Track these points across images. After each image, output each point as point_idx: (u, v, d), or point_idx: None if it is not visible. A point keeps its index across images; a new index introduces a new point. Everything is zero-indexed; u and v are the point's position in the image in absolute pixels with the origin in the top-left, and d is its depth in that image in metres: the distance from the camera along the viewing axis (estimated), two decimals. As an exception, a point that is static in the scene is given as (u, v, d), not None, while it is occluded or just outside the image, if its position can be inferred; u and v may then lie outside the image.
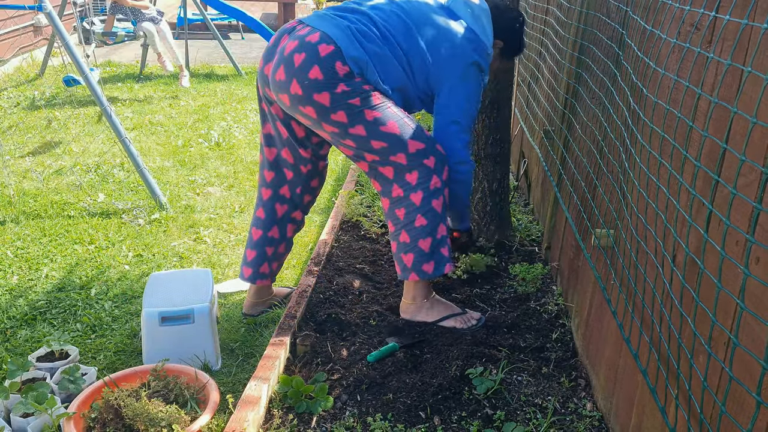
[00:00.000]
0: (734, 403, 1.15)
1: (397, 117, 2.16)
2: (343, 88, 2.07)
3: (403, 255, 2.30)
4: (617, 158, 1.84)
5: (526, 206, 3.56)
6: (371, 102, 2.11)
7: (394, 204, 2.27)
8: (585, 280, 2.21)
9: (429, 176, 2.21)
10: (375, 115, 2.12)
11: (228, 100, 6.27)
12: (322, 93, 2.06)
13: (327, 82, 2.06)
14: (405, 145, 2.17)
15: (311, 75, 2.05)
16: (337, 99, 2.08)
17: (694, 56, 1.33)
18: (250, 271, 2.52)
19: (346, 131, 2.14)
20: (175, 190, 3.93)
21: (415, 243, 2.26)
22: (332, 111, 2.09)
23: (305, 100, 2.09)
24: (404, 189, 2.23)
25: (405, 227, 2.26)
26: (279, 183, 2.43)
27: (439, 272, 2.29)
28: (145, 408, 1.79)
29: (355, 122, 2.12)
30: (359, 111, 2.10)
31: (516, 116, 3.97)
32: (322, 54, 2.05)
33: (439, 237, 2.26)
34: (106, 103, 3.63)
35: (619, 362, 1.78)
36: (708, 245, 1.24)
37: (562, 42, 2.69)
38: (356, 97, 2.09)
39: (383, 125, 2.14)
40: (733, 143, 1.19)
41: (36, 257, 3.06)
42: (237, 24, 10.01)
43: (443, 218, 2.27)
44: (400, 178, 2.23)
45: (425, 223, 2.23)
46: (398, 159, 2.19)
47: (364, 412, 1.94)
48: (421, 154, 2.19)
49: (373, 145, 2.17)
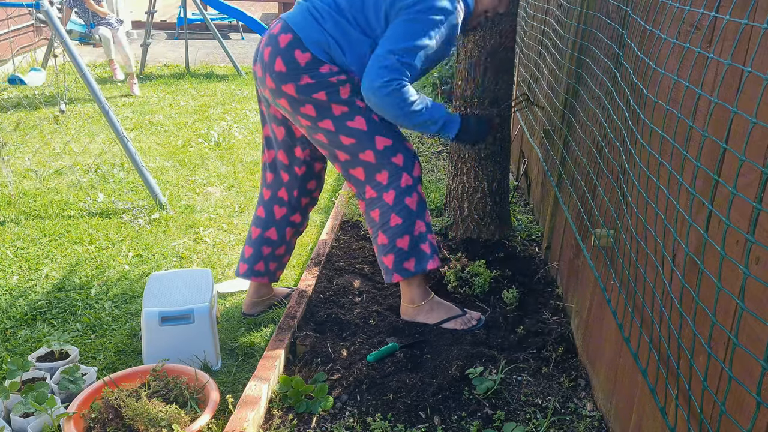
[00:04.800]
0: (734, 403, 1.15)
1: (365, 112, 2.16)
2: (307, 81, 2.10)
3: (383, 258, 2.31)
4: (617, 158, 1.84)
5: (526, 206, 3.55)
6: (338, 96, 2.12)
7: (368, 206, 2.29)
8: (585, 280, 2.21)
9: (399, 174, 2.21)
10: (342, 110, 2.14)
11: (228, 100, 6.27)
12: (287, 84, 2.12)
13: (290, 74, 2.10)
14: (372, 141, 2.17)
15: (276, 68, 2.11)
16: (301, 92, 2.11)
17: (694, 56, 1.33)
18: (246, 267, 2.54)
19: (316, 125, 2.17)
20: (175, 190, 3.93)
21: (393, 243, 2.26)
22: (300, 104, 2.14)
23: (277, 92, 2.15)
24: (376, 189, 2.24)
25: (381, 228, 2.27)
26: (277, 185, 2.45)
27: (421, 268, 2.28)
28: (145, 408, 1.79)
29: (323, 116, 2.14)
30: (327, 106, 2.13)
31: (516, 116, 3.97)
32: (281, 45, 2.10)
33: (417, 234, 2.26)
34: (104, 102, 3.63)
35: (619, 362, 1.78)
36: (708, 245, 1.24)
37: (562, 42, 2.69)
38: (321, 91, 2.11)
39: (351, 120, 2.15)
40: (733, 143, 1.19)
41: (36, 257, 3.06)
42: (237, 24, 10.02)
43: (420, 215, 2.26)
44: (371, 179, 2.23)
45: (400, 221, 2.24)
46: (367, 157, 2.19)
47: (364, 412, 1.94)
48: (389, 151, 2.19)
49: (343, 141, 2.18)
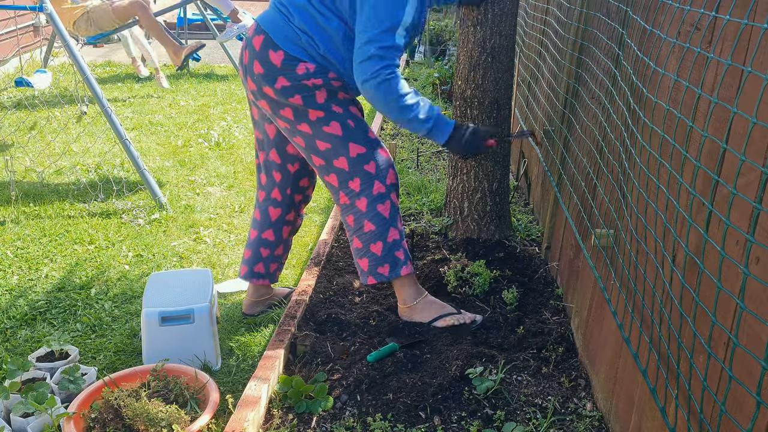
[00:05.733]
0: (734, 403, 1.15)
1: (341, 118, 2.17)
2: (283, 83, 2.11)
3: (359, 260, 2.34)
4: (617, 158, 1.84)
5: (526, 206, 3.55)
6: (314, 101, 2.13)
7: (343, 211, 2.31)
8: (585, 280, 2.21)
9: (371, 182, 2.22)
10: (318, 115, 2.15)
11: (228, 100, 6.28)
12: (266, 87, 2.13)
13: (267, 76, 2.12)
14: (346, 147, 2.18)
15: (255, 70, 2.14)
16: (279, 94, 2.13)
17: (694, 56, 1.33)
18: (246, 269, 2.55)
19: (295, 128, 2.19)
20: (175, 190, 3.93)
21: (367, 248, 2.28)
22: (280, 107, 2.15)
23: (258, 93, 2.17)
24: (349, 196, 2.25)
25: (356, 233, 2.30)
26: (270, 186, 2.46)
27: (395, 274, 2.30)
28: (145, 408, 1.79)
29: (300, 120, 2.16)
30: (303, 110, 2.14)
31: (516, 116, 3.97)
32: (256, 48, 2.13)
33: (391, 241, 2.27)
34: (106, 104, 3.63)
35: (619, 362, 1.78)
36: (708, 245, 1.24)
37: (562, 42, 2.69)
38: (296, 95, 2.12)
39: (326, 126, 2.16)
40: (733, 143, 1.19)
41: (36, 257, 3.06)
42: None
43: (392, 222, 2.27)
44: (344, 186, 2.24)
45: (374, 228, 2.25)
46: (340, 164, 2.20)
47: (364, 412, 1.94)
48: (362, 158, 2.20)
49: (318, 146, 2.19)
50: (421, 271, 2.70)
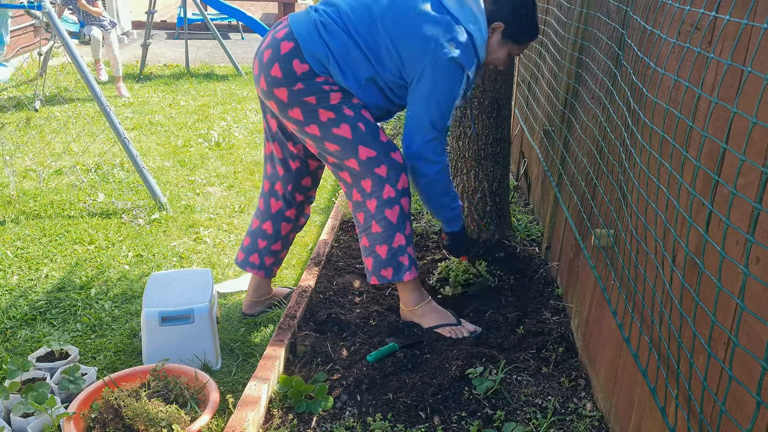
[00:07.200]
0: (734, 403, 1.15)
1: (351, 120, 2.14)
2: (299, 86, 2.11)
3: (365, 258, 2.34)
4: (617, 158, 1.84)
5: (526, 206, 3.55)
6: (327, 102, 2.12)
7: (355, 208, 2.30)
8: (585, 280, 2.21)
9: (381, 185, 2.20)
10: (329, 116, 2.13)
11: (228, 100, 6.28)
12: (280, 89, 2.13)
13: (285, 80, 2.11)
14: (356, 150, 2.17)
15: (272, 72, 2.12)
16: (292, 96, 2.12)
17: (694, 56, 1.33)
18: (242, 256, 2.57)
19: (303, 129, 2.19)
20: (175, 190, 3.93)
21: (373, 248, 2.29)
22: (289, 107, 2.14)
23: (268, 94, 2.16)
24: (361, 195, 2.25)
25: (364, 231, 2.30)
26: (274, 177, 2.46)
27: (397, 278, 2.30)
28: (145, 408, 1.79)
29: (310, 121, 2.15)
30: (314, 110, 2.13)
31: (516, 116, 3.97)
32: (282, 52, 2.11)
33: (396, 246, 2.26)
34: (105, 104, 3.63)
35: (619, 362, 1.78)
36: (708, 245, 1.24)
37: (562, 42, 2.69)
38: (311, 96, 2.11)
39: (336, 127, 2.14)
40: (733, 143, 1.19)
41: (36, 257, 3.06)
42: (237, 24, 10.02)
43: (400, 228, 2.25)
44: (357, 184, 2.24)
45: (380, 230, 2.25)
46: (351, 164, 2.20)
47: (364, 412, 1.94)
48: (372, 162, 2.18)
49: (328, 147, 2.19)
50: (420, 271, 2.70)
